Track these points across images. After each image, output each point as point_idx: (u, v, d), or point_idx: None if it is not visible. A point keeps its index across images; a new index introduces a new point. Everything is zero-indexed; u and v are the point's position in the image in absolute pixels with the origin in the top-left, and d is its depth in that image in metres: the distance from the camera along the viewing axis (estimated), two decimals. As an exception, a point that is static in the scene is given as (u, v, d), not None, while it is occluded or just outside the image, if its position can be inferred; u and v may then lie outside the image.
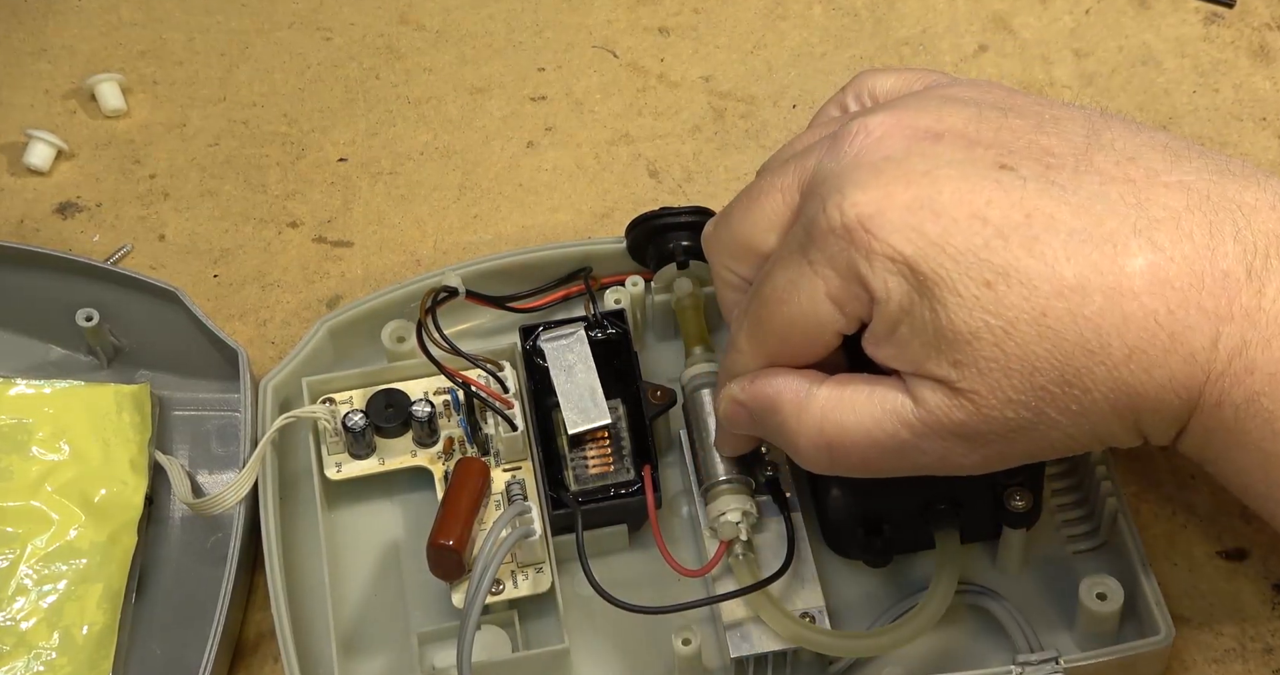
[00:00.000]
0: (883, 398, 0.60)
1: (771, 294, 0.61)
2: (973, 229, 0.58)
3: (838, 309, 0.60)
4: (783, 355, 0.63)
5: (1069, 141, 0.60)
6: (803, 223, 0.61)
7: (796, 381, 0.62)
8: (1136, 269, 0.57)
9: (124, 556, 0.71)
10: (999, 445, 0.59)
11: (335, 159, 0.82)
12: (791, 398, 0.62)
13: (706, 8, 0.86)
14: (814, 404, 0.61)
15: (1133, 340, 0.57)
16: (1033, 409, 0.58)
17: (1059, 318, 0.57)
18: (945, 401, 0.59)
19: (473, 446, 0.71)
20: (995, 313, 0.57)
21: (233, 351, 0.73)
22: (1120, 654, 0.65)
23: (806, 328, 0.61)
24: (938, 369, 0.58)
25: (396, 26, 0.86)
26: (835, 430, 0.61)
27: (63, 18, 0.87)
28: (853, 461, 0.61)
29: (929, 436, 0.59)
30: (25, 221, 0.81)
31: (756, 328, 0.63)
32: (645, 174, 0.81)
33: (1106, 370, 0.58)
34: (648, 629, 0.69)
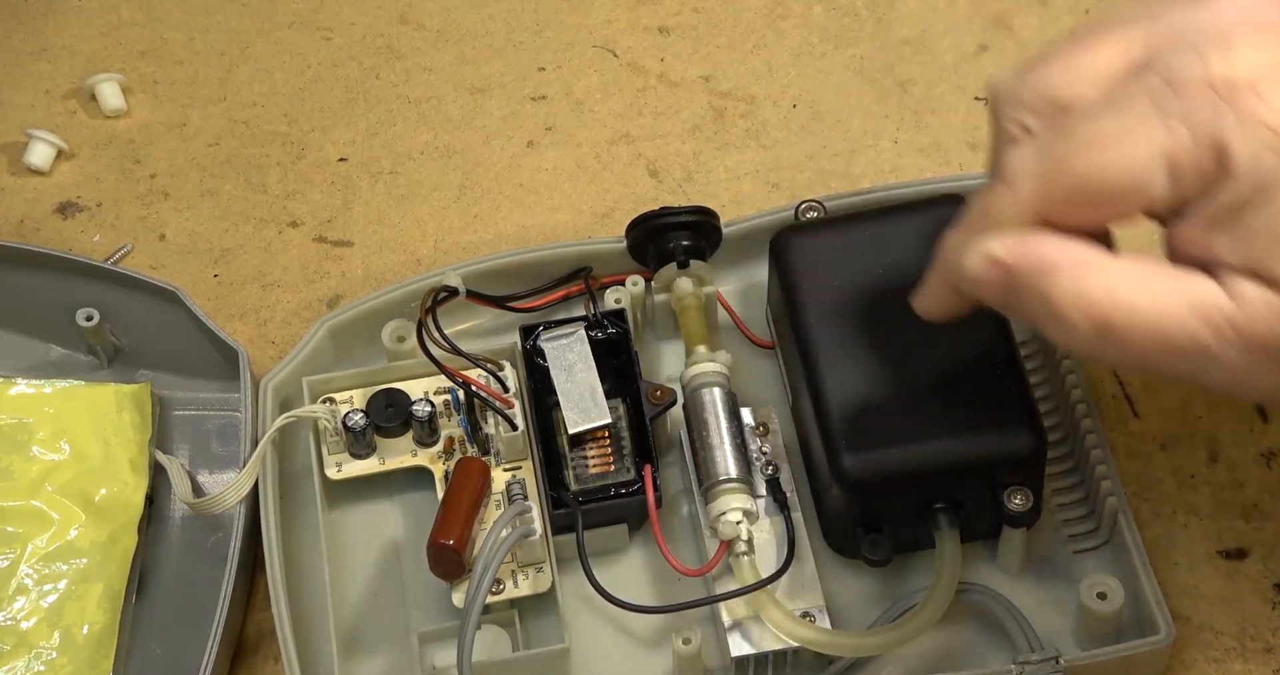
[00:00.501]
0: (1191, 287, 0.51)
1: (1092, 136, 0.52)
2: None
3: (1169, 173, 0.51)
4: (1069, 214, 0.53)
5: None
6: (1159, 70, 0.51)
7: (1082, 247, 0.52)
8: None
9: (124, 556, 0.71)
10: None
11: (335, 159, 0.82)
12: (1073, 263, 0.52)
13: (706, 8, 0.86)
14: (1102, 275, 0.52)
15: None
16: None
17: None
18: (1276, 308, 0.50)
19: (473, 446, 0.71)
20: None
21: (233, 351, 0.73)
22: (1120, 654, 0.66)
23: (1120, 184, 0.51)
24: (1270, 275, 0.50)
25: (396, 26, 0.86)
26: (1121, 313, 0.51)
27: (63, 18, 0.87)
28: (1129, 354, 0.52)
29: (1238, 346, 0.51)
30: (25, 221, 0.81)
31: (1055, 171, 0.52)
32: (645, 174, 0.81)
33: None
34: (648, 629, 0.69)
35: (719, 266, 0.75)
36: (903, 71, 0.83)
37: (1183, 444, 0.73)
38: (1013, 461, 0.65)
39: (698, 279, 0.73)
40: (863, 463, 0.65)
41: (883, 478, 0.65)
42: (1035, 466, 0.66)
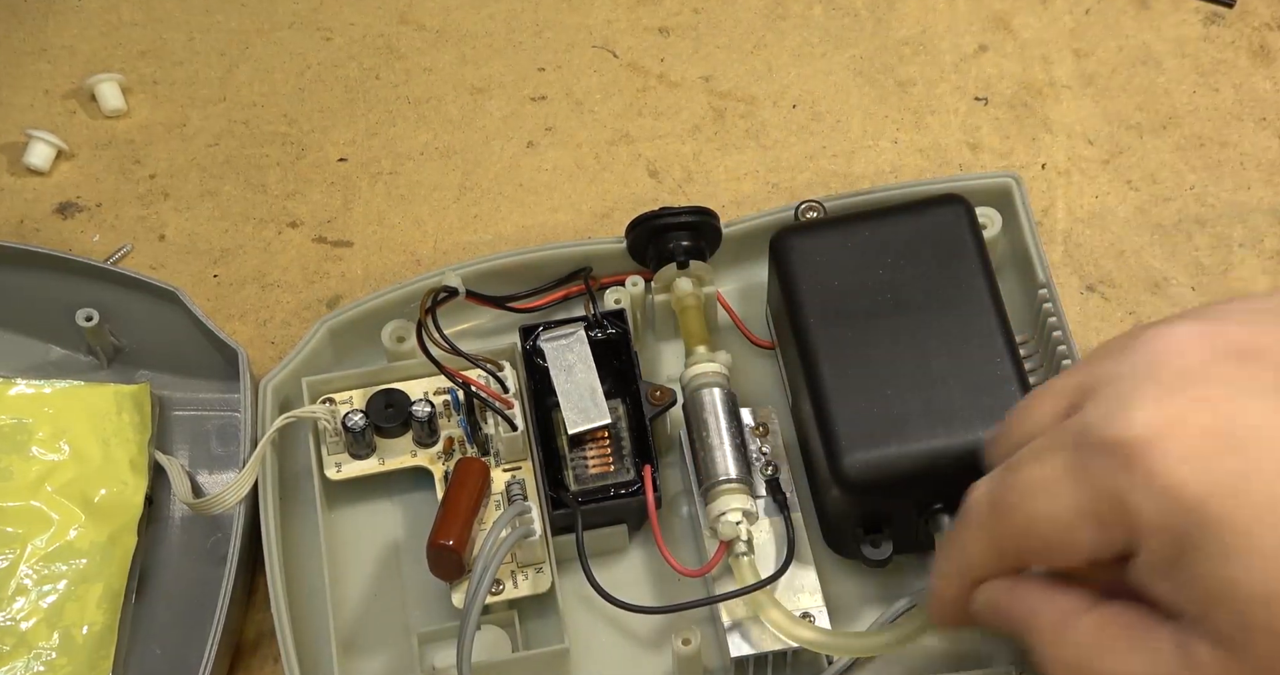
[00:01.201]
0: (1148, 649, 0.52)
1: (1021, 488, 0.54)
2: (1277, 472, 0.49)
3: (1097, 532, 0.52)
4: (1021, 559, 0.55)
5: None
6: (1077, 425, 0.53)
7: (1060, 602, 0.54)
8: None
9: (124, 556, 0.71)
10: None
11: (335, 159, 0.82)
12: (1050, 618, 0.54)
13: (706, 8, 0.86)
14: (1074, 634, 0.53)
15: None
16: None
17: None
18: (1222, 669, 0.50)
19: (473, 446, 0.71)
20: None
21: (233, 351, 0.73)
22: (1120, 654, 0.65)
23: (1052, 541, 0.53)
24: (1216, 631, 0.50)
25: (396, 26, 0.86)
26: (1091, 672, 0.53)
27: (63, 18, 0.87)
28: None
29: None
30: (25, 221, 0.81)
31: (997, 518, 0.55)
32: (645, 174, 0.81)
33: None
34: (648, 629, 0.69)
35: (719, 266, 0.75)
36: (903, 71, 0.83)
37: (1183, 444, 0.72)
38: (1013, 462, 0.65)
39: (698, 279, 0.73)
40: (863, 463, 0.65)
41: (883, 478, 0.65)
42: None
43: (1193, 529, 0.49)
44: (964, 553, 0.57)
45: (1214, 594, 0.49)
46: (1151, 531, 0.50)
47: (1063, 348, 0.71)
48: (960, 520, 0.57)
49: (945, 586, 0.58)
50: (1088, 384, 0.54)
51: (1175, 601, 0.51)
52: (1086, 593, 0.54)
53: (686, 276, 0.73)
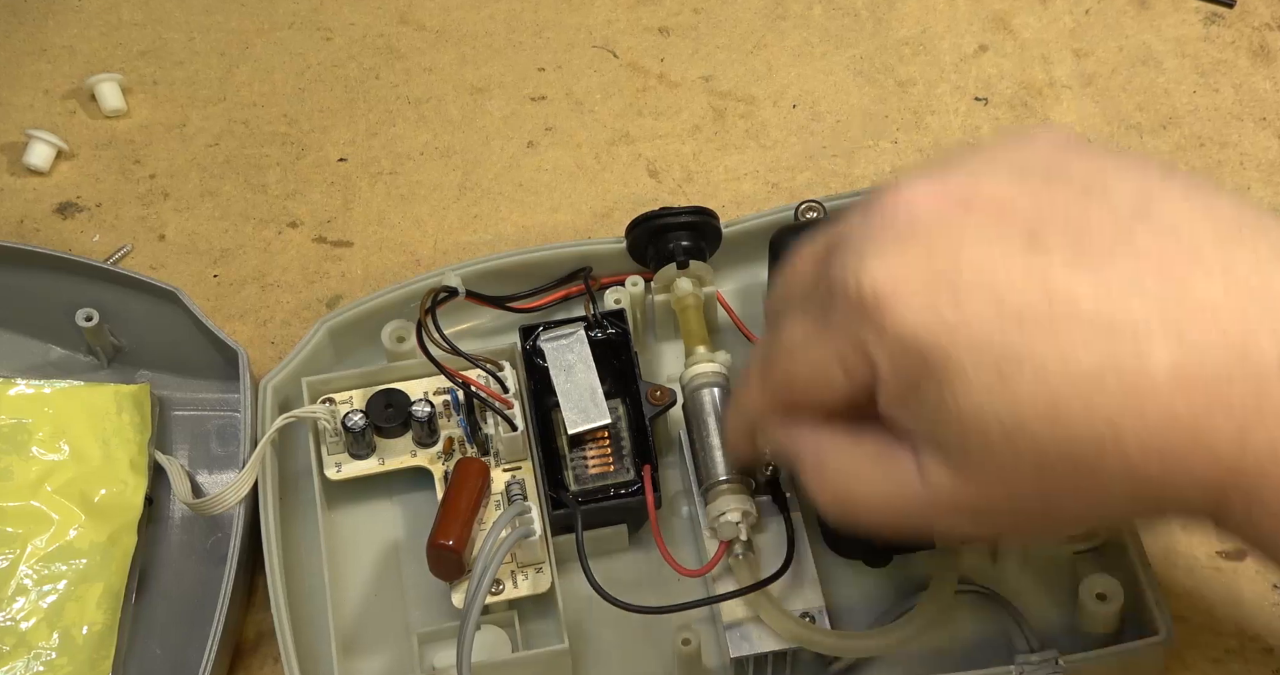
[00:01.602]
0: (892, 472, 0.58)
1: (783, 344, 0.60)
2: (991, 312, 0.54)
3: (846, 376, 0.57)
4: (791, 402, 0.61)
5: (1113, 212, 0.56)
6: (824, 283, 0.58)
7: (819, 438, 0.60)
8: (1159, 364, 0.53)
9: (124, 556, 0.71)
10: (1009, 522, 0.57)
11: (335, 159, 0.82)
12: (810, 457, 0.60)
13: (706, 8, 0.86)
14: (830, 468, 0.60)
15: (1149, 438, 0.54)
16: (1043, 498, 0.55)
17: (1072, 411, 0.54)
18: (950, 483, 0.56)
19: (473, 446, 0.71)
20: (1007, 404, 0.54)
21: (233, 351, 0.73)
22: (1120, 654, 0.65)
23: (810, 386, 0.59)
24: (945, 450, 0.56)
25: (396, 26, 0.86)
26: (847, 499, 0.59)
27: (63, 18, 0.87)
28: (867, 525, 0.59)
29: (935, 515, 0.57)
30: (25, 221, 0.81)
31: (767, 371, 0.61)
32: (645, 174, 0.81)
33: (1122, 465, 0.54)
34: (648, 629, 0.69)
35: (719, 266, 0.75)
36: (903, 71, 0.83)
37: (1183, 444, 0.72)
38: (1013, 462, 0.65)
39: (698, 279, 0.73)
40: (862, 463, 0.65)
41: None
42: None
43: (919, 368, 0.55)
44: (746, 401, 0.63)
45: (938, 420, 0.55)
46: (887, 373, 0.56)
47: (1063, 348, 0.71)
48: (741, 375, 0.64)
49: (734, 431, 0.66)
50: (833, 242, 0.59)
51: (912, 428, 0.57)
52: (846, 426, 0.59)
53: (686, 276, 0.73)
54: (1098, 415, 0.54)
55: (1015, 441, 0.54)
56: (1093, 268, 0.55)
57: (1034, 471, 0.55)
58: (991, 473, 0.55)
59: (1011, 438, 0.54)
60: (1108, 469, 0.54)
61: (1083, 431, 0.54)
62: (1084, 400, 0.54)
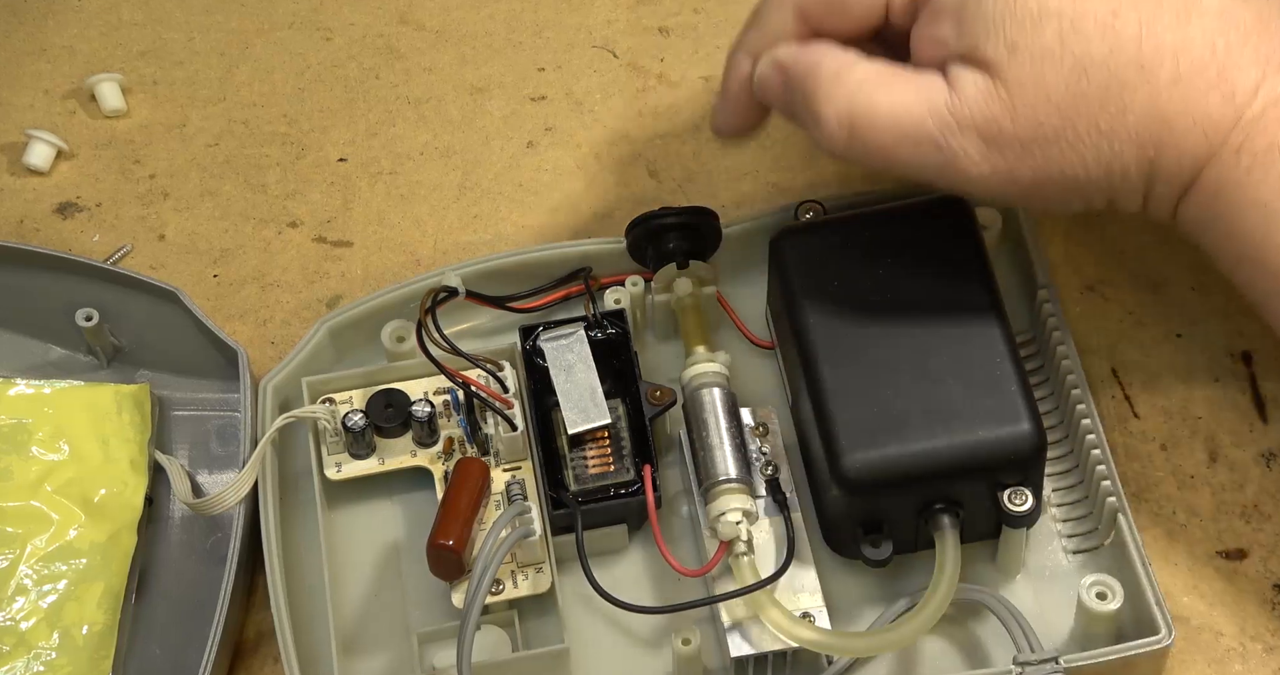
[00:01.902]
0: (922, 83, 0.59)
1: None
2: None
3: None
4: (826, 19, 0.61)
5: None
6: None
7: (842, 53, 0.60)
8: (1208, 2, 0.57)
9: (124, 556, 0.71)
10: (1014, 158, 0.58)
11: (335, 159, 0.82)
12: (833, 65, 0.60)
13: (706, 8, 0.86)
14: (853, 75, 0.60)
15: (1185, 65, 0.56)
16: (1065, 116, 0.57)
17: (1127, 21, 0.56)
18: (984, 90, 0.57)
19: (473, 446, 0.71)
20: (1072, 3, 0.56)
21: (233, 351, 0.73)
22: (1120, 654, 0.65)
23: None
24: (991, 50, 0.57)
25: (396, 26, 0.86)
26: (865, 105, 0.59)
27: (63, 18, 0.87)
28: (869, 144, 0.60)
29: (954, 130, 0.58)
30: (25, 221, 0.81)
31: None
32: (645, 174, 0.81)
33: (1149, 91, 0.56)
34: (648, 629, 0.69)
35: (719, 266, 0.75)
36: (903, 71, 0.83)
37: (1183, 444, 0.73)
38: (1012, 461, 0.65)
39: (698, 279, 0.73)
40: (862, 463, 0.65)
41: (882, 478, 0.65)
42: (1035, 466, 0.66)
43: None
44: (768, 23, 0.63)
45: (996, 16, 0.57)
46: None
47: (1063, 348, 0.71)
48: (761, 7, 0.64)
49: (743, 60, 0.64)
50: None
51: (956, 39, 0.58)
52: (863, 52, 0.60)
53: (686, 276, 0.73)
54: (1149, 33, 0.56)
55: (1067, 40, 0.56)
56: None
57: (1071, 80, 0.56)
58: (1032, 72, 0.56)
59: (1065, 36, 0.56)
60: (1135, 94, 0.56)
61: (1129, 46, 0.56)
62: (1140, 15, 0.56)
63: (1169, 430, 0.73)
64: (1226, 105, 0.57)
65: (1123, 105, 0.57)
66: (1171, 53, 0.56)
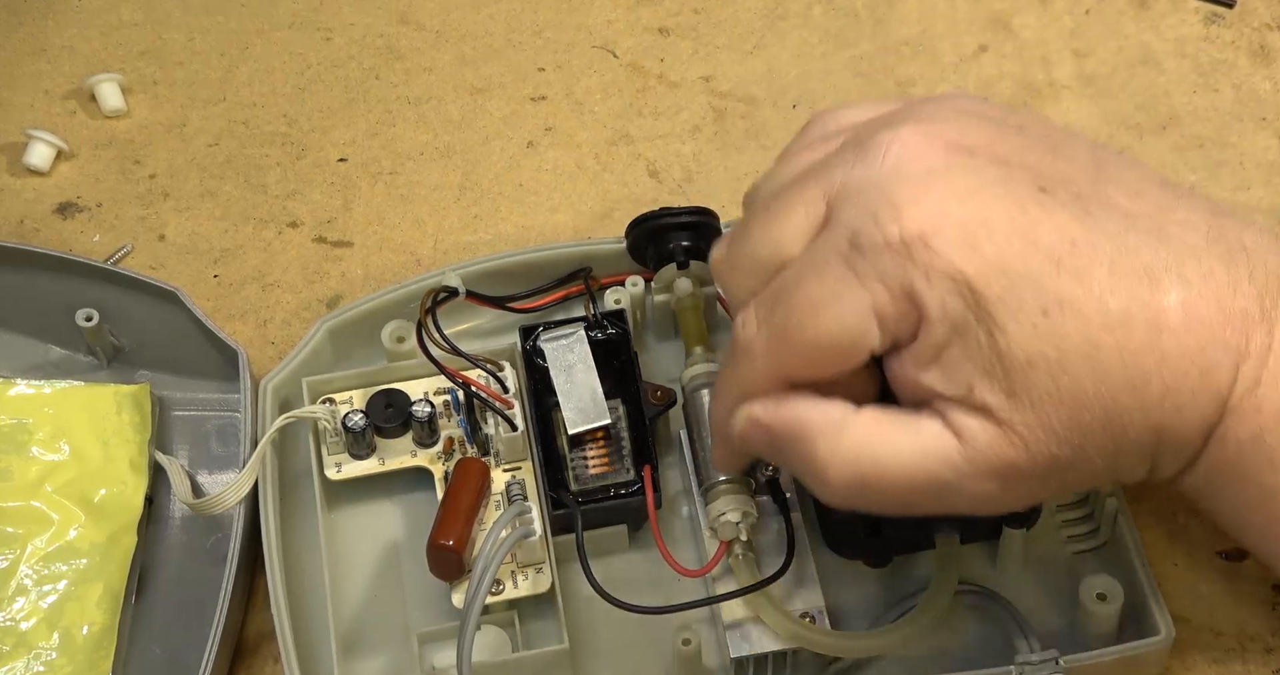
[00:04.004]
0: (925, 434, 0.57)
1: (803, 304, 0.58)
2: (1027, 253, 0.56)
3: (879, 326, 0.57)
4: (804, 372, 0.59)
5: (1082, 169, 0.59)
6: (843, 234, 0.57)
7: (829, 408, 0.58)
8: (1172, 304, 0.56)
9: (124, 556, 0.71)
10: (1034, 485, 0.58)
11: (335, 159, 0.82)
12: (824, 426, 0.58)
13: (706, 8, 0.86)
14: (849, 435, 0.58)
15: (1169, 378, 0.56)
16: (1075, 446, 0.56)
17: (1108, 352, 0.56)
18: (994, 437, 0.56)
19: (473, 446, 0.71)
20: (1052, 342, 0.55)
21: (233, 351, 0.73)
22: (1120, 654, 0.65)
23: (840, 343, 0.57)
24: (990, 396, 0.56)
25: (396, 26, 0.86)
26: (871, 466, 0.58)
27: (63, 18, 0.87)
28: (885, 500, 0.58)
29: (972, 477, 0.57)
30: (25, 221, 0.81)
31: (780, 339, 0.58)
32: (645, 174, 0.81)
33: (1143, 409, 0.56)
34: (648, 629, 0.68)
35: (719, 267, 0.74)
36: (903, 71, 0.83)
37: (1183, 444, 0.73)
38: (1013, 462, 0.65)
39: (697, 279, 0.73)
40: (862, 463, 0.65)
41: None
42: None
43: (971, 308, 0.56)
44: (744, 383, 0.60)
45: (984, 366, 0.56)
46: (936, 317, 0.56)
47: (1063, 348, 0.71)
48: (735, 356, 0.60)
49: (723, 406, 0.62)
50: (835, 193, 0.58)
51: (948, 385, 0.57)
52: (850, 403, 0.59)
53: (686, 277, 0.73)
54: (1129, 358, 0.56)
55: (1059, 381, 0.55)
56: (1094, 216, 0.57)
57: (1073, 416, 0.56)
58: (1037, 416, 0.56)
59: (1056, 377, 0.55)
60: (1132, 415, 0.56)
61: (1116, 374, 0.56)
62: (1117, 342, 0.55)
63: (1169, 430, 0.73)
64: (1216, 403, 0.57)
65: (1123, 426, 0.57)
66: (1154, 370, 0.56)
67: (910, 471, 0.57)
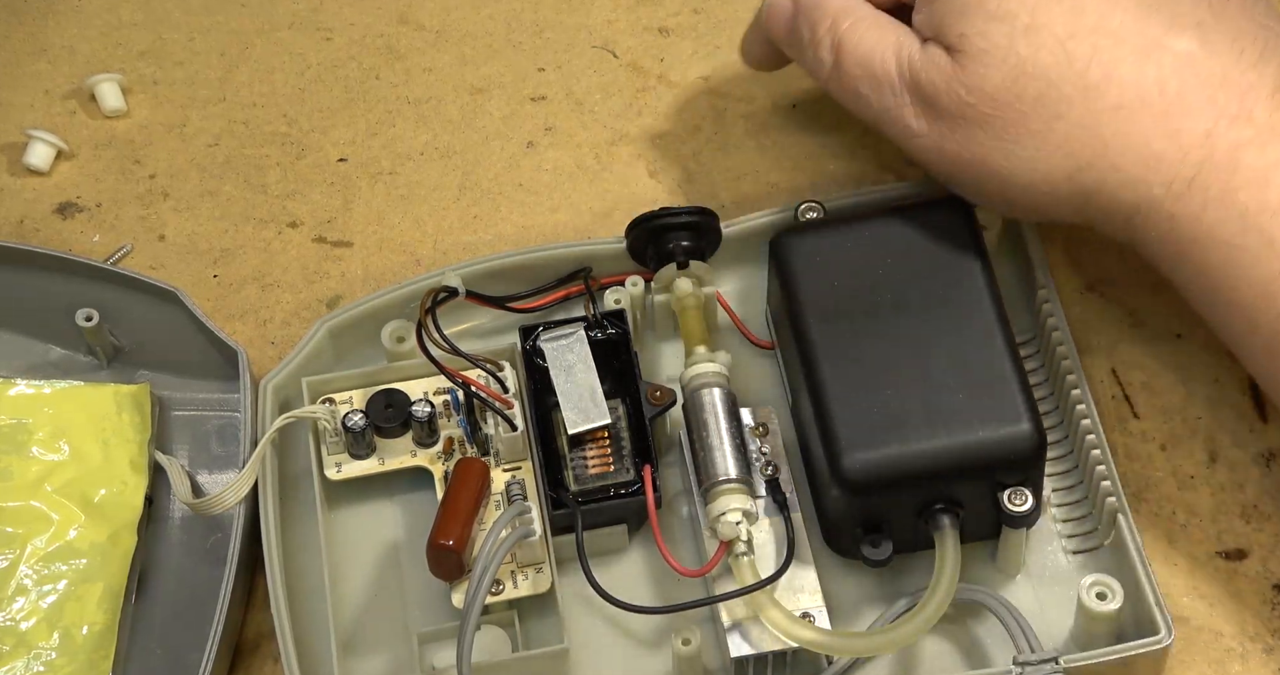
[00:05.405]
0: (904, 36, 0.66)
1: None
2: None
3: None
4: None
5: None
6: None
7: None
8: (1175, 47, 0.61)
9: (124, 556, 0.71)
10: (946, 128, 0.63)
11: (335, 159, 0.82)
12: (837, 6, 0.68)
13: (706, 8, 0.86)
14: (856, 12, 0.67)
15: (1130, 95, 0.60)
16: (996, 106, 0.62)
17: (1081, 45, 0.61)
18: (940, 59, 0.64)
19: (473, 446, 0.71)
20: (1032, 12, 0.62)
21: (233, 351, 0.73)
22: (1120, 654, 0.66)
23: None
24: (951, 37, 0.63)
25: (396, 26, 0.86)
26: (852, 37, 0.66)
27: (63, 18, 0.87)
28: (845, 74, 0.67)
29: (908, 82, 0.65)
30: (25, 221, 0.81)
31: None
32: (645, 174, 0.81)
33: (1087, 109, 0.61)
34: (648, 629, 0.69)
35: (719, 267, 0.75)
36: (903, 71, 0.83)
37: (1182, 444, 0.73)
38: (1013, 461, 0.65)
39: (697, 279, 0.73)
40: (863, 463, 0.65)
41: (882, 478, 0.65)
42: (1035, 466, 0.66)
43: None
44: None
45: (955, 11, 0.63)
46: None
47: (1062, 348, 0.71)
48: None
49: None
50: None
51: (925, 26, 0.65)
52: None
53: (686, 276, 0.73)
54: (1100, 59, 0.61)
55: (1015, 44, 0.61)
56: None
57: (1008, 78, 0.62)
58: (974, 65, 0.63)
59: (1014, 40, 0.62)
60: (1072, 105, 0.61)
61: (1079, 64, 0.61)
62: (1096, 42, 0.61)
63: (1169, 430, 0.73)
64: (1169, 142, 0.61)
65: (1056, 113, 0.61)
66: (1118, 83, 0.61)
67: (873, 53, 0.66)
